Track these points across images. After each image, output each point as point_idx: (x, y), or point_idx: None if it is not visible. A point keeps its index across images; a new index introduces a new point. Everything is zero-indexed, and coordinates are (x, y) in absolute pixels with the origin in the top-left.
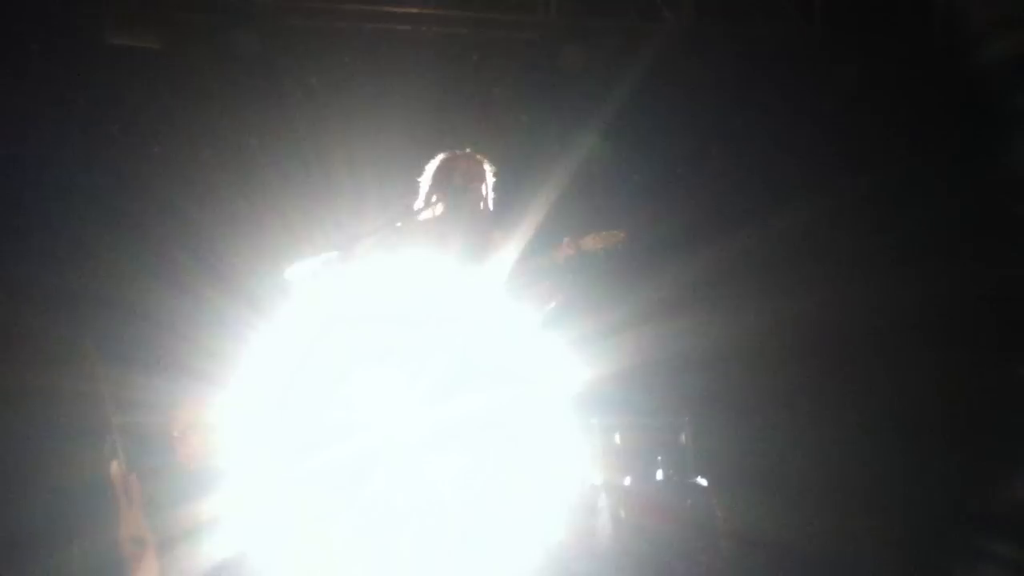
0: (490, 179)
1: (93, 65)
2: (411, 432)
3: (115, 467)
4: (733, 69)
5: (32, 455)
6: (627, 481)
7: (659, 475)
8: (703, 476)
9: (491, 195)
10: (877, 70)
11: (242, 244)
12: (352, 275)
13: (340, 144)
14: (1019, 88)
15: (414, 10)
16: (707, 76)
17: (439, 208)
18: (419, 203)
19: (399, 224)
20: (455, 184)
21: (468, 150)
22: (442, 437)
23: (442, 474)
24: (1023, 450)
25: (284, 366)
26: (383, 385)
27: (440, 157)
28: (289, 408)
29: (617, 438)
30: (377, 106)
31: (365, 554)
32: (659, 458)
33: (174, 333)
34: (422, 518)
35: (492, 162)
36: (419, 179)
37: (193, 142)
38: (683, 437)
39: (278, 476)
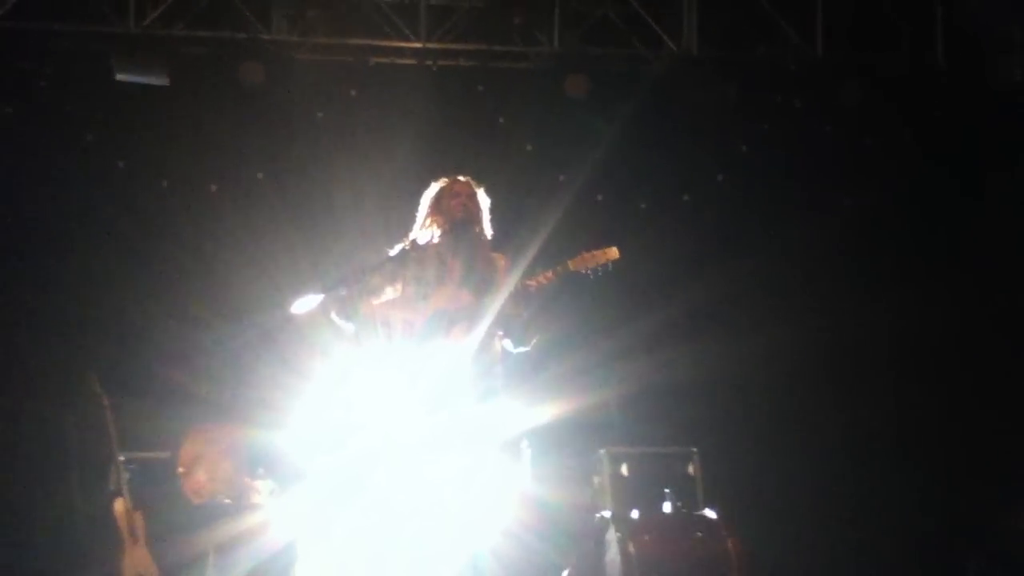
0: (486, 205)
1: (102, 101)
2: (410, 442)
3: (120, 504)
4: (736, 94)
5: (38, 490)
6: (635, 514)
7: (667, 507)
8: (712, 507)
9: (488, 221)
10: (879, 93)
11: (248, 276)
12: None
13: (346, 177)
14: (1020, 111)
15: (418, 44)
16: (710, 102)
17: (437, 235)
18: (416, 229)
19: (399, 250)
20: (452, 207)
21: (463, 178)
22: (438, 444)
23: (437, 479)
24: None
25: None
26: (379, 393)
27: (436, 184)
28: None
29: (625, 469)
30: (383, 138)
31: (364, 556)
32: (667, 490)
33: (180, 366)
34: (418, 523)
35: (498, 190)
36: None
37: (200, 176)
38: (691, 468)
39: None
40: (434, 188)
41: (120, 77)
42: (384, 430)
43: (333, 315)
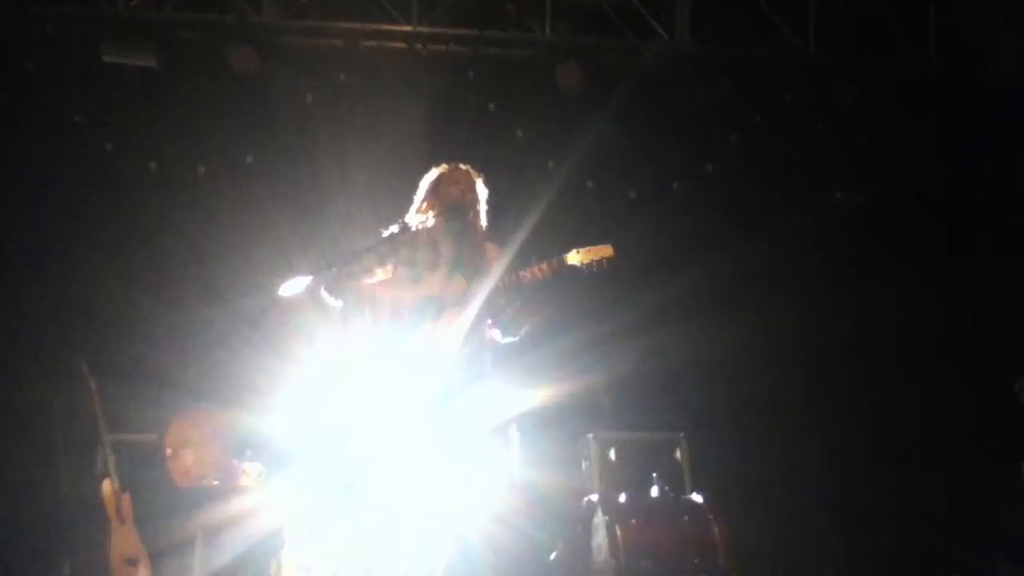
0: (484, 195)
1: (90, 83)
2: (399, 439)
3: (107, 486)
4: (728, 87)
5: (24, 472)
6: (622, 498)
7: (654, 492)
8: (699, 492)
9: (485, 210)
10: (873, 91)
11: (237, 260)
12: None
13: (336, 161)
14: (1013, 109)
15: (409, 28)
16: (702, 94)
17: (431, 220)
18: (412, 213)
19: (394, 233)
20: (449, 193)
21: (463, 166)
22: (430, 445)
23: (427, 480)
24: (1018, 465)
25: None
26: (376, 393)
27: (436, 170)
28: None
29: (612, 454)
30: (373, 123)
31: (354, 554)
32: (654, 474)
33: (168, 349)
34: (408, 522)
35: (488, 177)
36: (414, 194)
37: (188, 159)
38: (678, 453)
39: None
40: (434, 173)
41: (108, 59)
42: (374, 420)
43: (322, 292)
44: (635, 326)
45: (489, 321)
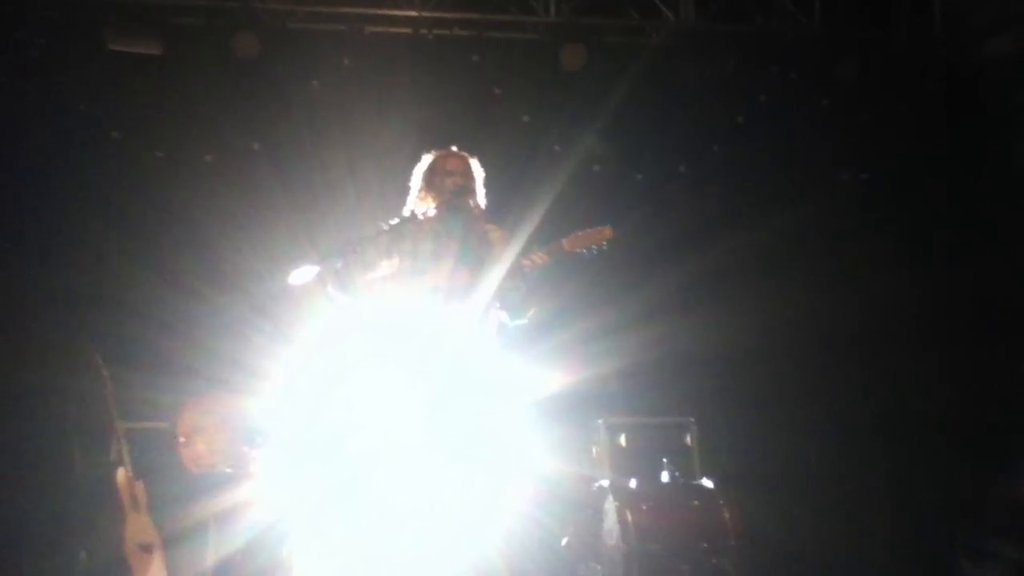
0: (479, 176)
1: (94, 71)
2: (408, 436)
3: (121, 474)
4: (733, 67)
5: (38, 460)
6: (633, 483)
7: (664, 477)
8: (709, 477)
9: (482, 192)
10: (877, 68)
11: (245, 247)
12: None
13: (342, 147)
14: (1018, 86)
15: (413, 13)
16: (707, 75)
17: (432, 209)
18: (410, 204)
19: (395, 224)
20: (446, 184)
21: (454, 149)
22: (439, 441)
23: (440, 476)
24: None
25: (287, 368)
26: (379, 391)
27: (428, 157)
28: (289, 409)
29: (623, 440)
30: (378, 108)
31: (364, 553)
32: (664, 460)
33: (177, 337)
34: (420, 519)
35: (494, 161)
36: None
37: (195, 146)
38: (688, 438)
39: (282, 476)
40: (426, 161)
41: (112, 47)
42: (375, 420)
43: (329, 288)
44: (645, 311)
45: (496, 304)
